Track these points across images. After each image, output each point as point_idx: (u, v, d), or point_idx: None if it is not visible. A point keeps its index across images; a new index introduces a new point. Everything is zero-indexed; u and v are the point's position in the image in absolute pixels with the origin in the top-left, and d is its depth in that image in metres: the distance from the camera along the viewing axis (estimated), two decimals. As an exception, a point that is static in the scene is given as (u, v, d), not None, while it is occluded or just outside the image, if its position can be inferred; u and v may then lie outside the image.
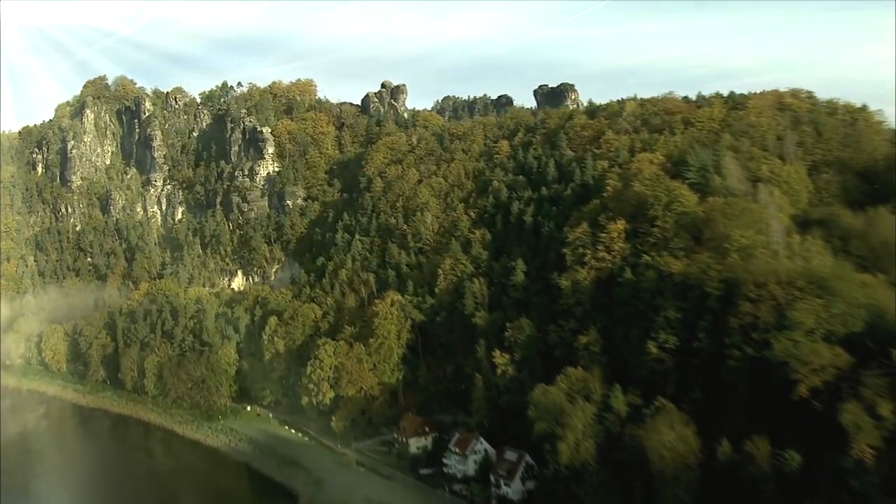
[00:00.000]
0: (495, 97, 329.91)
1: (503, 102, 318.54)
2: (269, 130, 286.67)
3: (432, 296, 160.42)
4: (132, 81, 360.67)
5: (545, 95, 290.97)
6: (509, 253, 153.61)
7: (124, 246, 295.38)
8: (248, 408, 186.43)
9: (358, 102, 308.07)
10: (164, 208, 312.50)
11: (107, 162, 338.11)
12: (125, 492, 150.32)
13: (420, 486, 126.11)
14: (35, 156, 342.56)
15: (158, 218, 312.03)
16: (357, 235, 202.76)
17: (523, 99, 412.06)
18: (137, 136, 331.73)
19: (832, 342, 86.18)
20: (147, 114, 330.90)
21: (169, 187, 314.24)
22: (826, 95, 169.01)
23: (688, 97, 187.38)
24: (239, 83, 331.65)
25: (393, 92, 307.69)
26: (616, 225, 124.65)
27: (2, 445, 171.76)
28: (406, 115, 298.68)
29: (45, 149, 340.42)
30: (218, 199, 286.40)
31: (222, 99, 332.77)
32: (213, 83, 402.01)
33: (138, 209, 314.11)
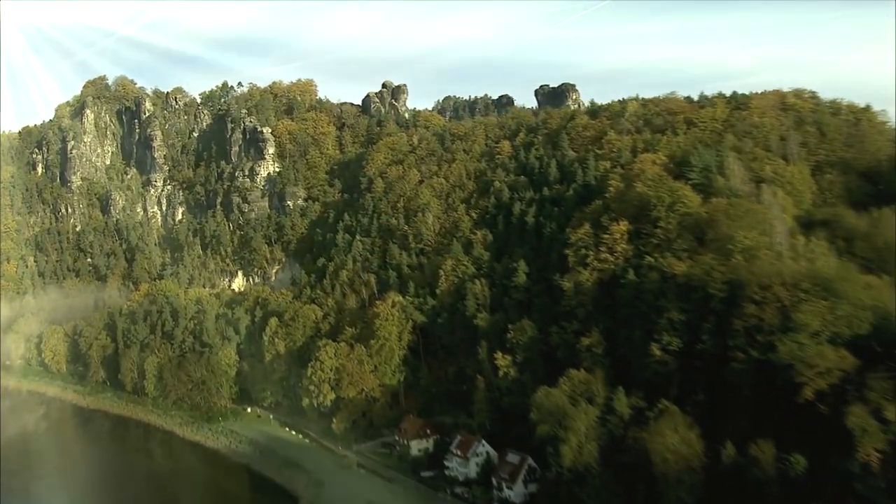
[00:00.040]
0: (496, 97, 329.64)
1: (504, 102, 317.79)
2: (270, 131, 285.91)
3: (433, 297, 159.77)
4: (132, 81, 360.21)
5: (546, 95, 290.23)
6: (511, 254, 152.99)
7: (124, 246, 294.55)
8: (249, 409, 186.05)
9: (358, 102, 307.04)
10: (165, 209, 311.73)
11: (107, 162, 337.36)
12: (125, 493, 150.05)
13: (421, 489, 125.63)
14: (35, 156, 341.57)
15: (159, 218, 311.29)
16: (358, 236, 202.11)
17: (524, 99, 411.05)
18: (137, 137, 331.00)
19: (837, 345, 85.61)
20: (147, 114, 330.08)
21: (169, 188, 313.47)
22: (826, 96, 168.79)
23: (690, 97, 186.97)
24: (239, 83, 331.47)
25: (394, 92, 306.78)
26: (618, 226, 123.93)
27: (2, 446, 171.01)
28: (407, 116, 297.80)
29: (45, 149, 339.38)
30: (218, 200, 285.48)
31: (222, 99, 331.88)
32: (214, 83, 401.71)
33: (138, 209, 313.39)
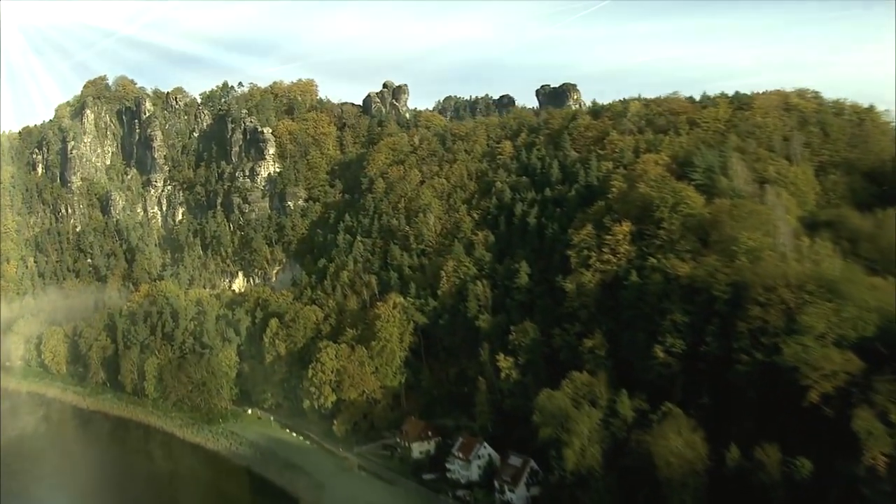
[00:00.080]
0: (497, 97, 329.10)
1: (505, 102, 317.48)
2: (270, 131, 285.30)
3: (435, 298, 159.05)
4: (132, 81, 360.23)
5: (547, 95, 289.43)
6: (513, 255, 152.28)
7: (124, 247, 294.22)
8: (249, 411, 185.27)
9: (359, 103, 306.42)
10: (165, 209, 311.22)
11: (107, 162, 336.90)
12: (125, 495, 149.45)
13: (423, 492, 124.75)
14: (35, 156, 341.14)
15: (159, 219, 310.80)
16: (359, 237, 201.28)
17: (525, 99, 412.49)
18: (138, 137, 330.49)
19: (843, 347, 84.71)
20: (147, 114, 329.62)
21: (169, 188, 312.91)
22: (827, 96, 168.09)
23: (692, 97, 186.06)
24: (240, 83, 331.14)
25: (394, 92, 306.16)
26: (621, 227, 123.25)
27: (1, 447, 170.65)
28: (408, 116, 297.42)
29: (45, 149, 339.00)
30: (219, 200, 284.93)
31: (223, 99, 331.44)
32: (214, 83, 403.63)
33: (138, 210, 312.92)
